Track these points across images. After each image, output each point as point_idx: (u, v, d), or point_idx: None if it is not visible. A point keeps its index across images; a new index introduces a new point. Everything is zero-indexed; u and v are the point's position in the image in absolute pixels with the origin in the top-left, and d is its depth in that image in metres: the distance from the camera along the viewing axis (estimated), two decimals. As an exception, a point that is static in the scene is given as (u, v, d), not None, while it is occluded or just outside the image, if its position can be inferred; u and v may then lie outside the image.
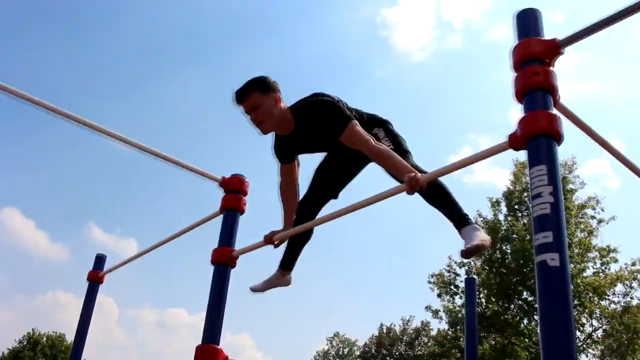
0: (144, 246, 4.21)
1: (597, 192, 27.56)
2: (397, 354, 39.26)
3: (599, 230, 18.26)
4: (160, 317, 58.49)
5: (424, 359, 29.61)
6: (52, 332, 40.78)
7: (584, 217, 18.47)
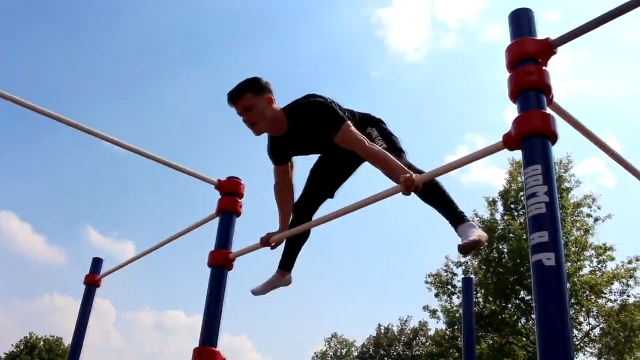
0: (141, 248, 4.21)
1: (593, 190, 27.61)
2: (395, 354, 39.27)
3: (595, 228, 18.31)
4: (158, 319, 58.45)
5: (422, 359, 29.64)
6: (50, 335, 40.74)
7: (580, 215, 18.51)
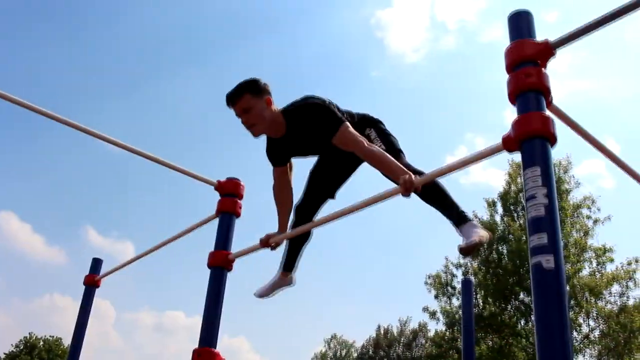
0: (140, 249, 4.22)
1: (593, 192, 27.62)
2: (394, 355, 39.26)
3: (594, 230, 18.33)
4: (157, 320, 58.43)
5: (422, 360, 29.61)
6: (49, 336, 40.71)
7: (580, 217, 18.52)
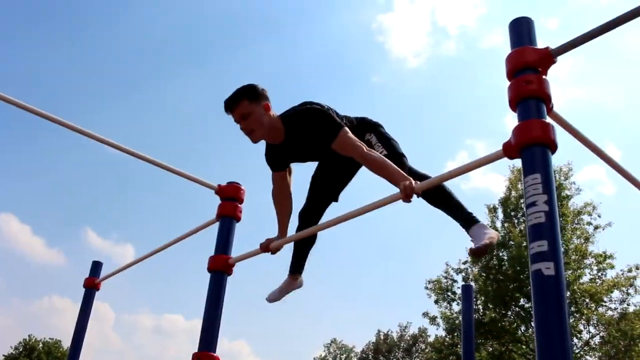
0: (140, 251, 4.23)
1: (593, 198, 27.66)
2: (394, 360, 39.17)
3: (595, 236, 18.28)
4: (157, 323, 58.34)
5: (421, 365, 29.55)
6: (49, 338, 40.67)
7: (580, 223, 18.48)
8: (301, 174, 3.27)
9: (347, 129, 2.76)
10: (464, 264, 20.03)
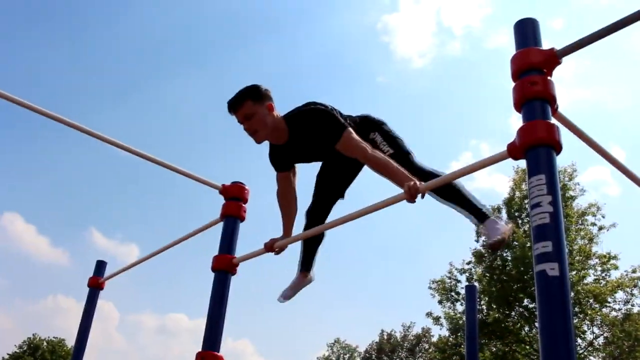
0: (145, 251, 4.25)
1: (597, 199, 27.56)
2: (397, 360, 39.15)
3: (599, 237, 18.25)
4: (161, 322, 58.43)
5: (425, 365, 29.51)
6: (53, 337, 40.78)
7: (585, 224, 18.44)
8: (306, 174, 3.28)
9: (351, 129, 2.76)
10: (468, 264, 20.00)
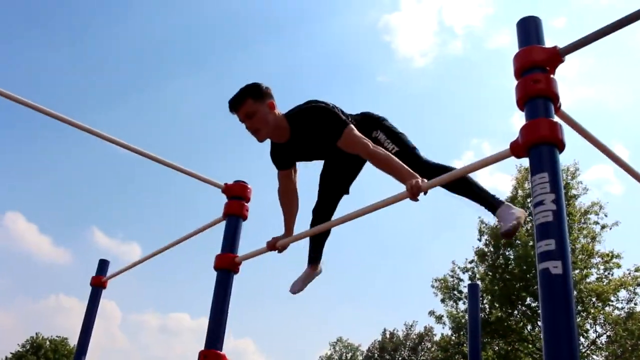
0: (146, 250, 4.26)
1: (600, 197, 27.49)
2: (400, 359, 39.15)
3: (602, 235, 18.21)
4: (163, 322, 58.51)
5: (427, 364, 29.49)
6: (56, 336, 40.86)
7: (587, 222, 18.41)
8: (308, 173, 3.28)
9: (352, 126, 2.75)
10: (471, 262, 20.01)
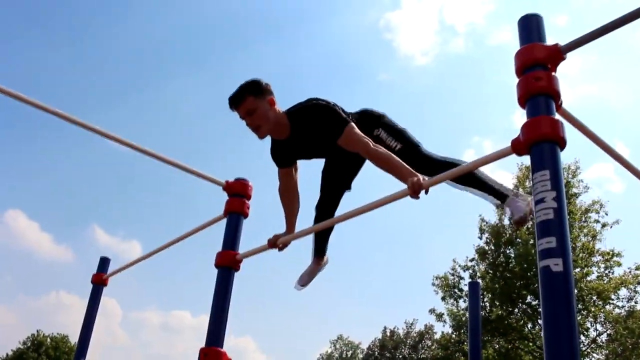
0: (147, 248, 4.26)
1: (601, 196, 27.51)
2: (400, 357, 39.18)
3: (602, 234, 18.21)
4: (164, 319, 58.59)
5: (428, 362, 29.52)
6: (56, 333, 40.88)
7: (588, 221, 18.41)
8: (309, 171, 3.28)
9: (353, 124, 2.75)
10: (471, 261, 20.03)
